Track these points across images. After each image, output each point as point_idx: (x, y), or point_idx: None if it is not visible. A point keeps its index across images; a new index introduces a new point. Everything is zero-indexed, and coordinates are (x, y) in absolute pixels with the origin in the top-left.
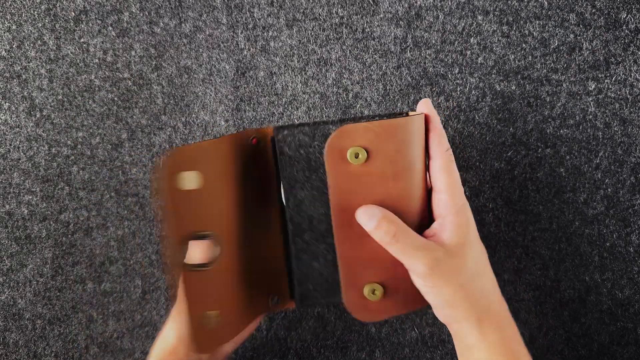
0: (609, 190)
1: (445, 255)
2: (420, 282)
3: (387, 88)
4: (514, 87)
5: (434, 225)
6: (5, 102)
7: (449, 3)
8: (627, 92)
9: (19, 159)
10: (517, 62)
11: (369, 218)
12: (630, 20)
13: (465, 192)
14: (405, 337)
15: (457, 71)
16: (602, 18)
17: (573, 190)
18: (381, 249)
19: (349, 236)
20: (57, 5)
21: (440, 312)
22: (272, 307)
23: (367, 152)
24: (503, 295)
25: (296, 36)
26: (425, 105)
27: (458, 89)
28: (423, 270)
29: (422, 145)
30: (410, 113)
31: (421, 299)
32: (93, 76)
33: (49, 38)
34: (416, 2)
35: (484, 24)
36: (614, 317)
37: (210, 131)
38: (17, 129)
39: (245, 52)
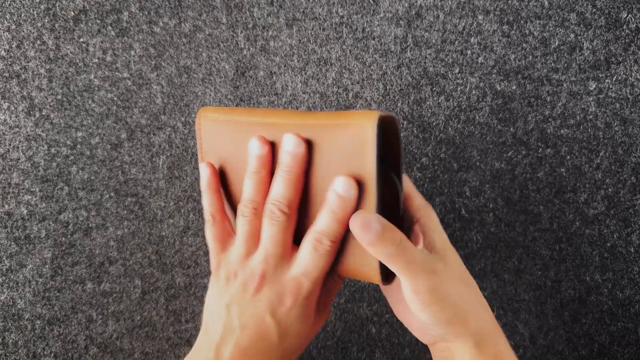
0: (610, 190)
1: (445, 268)
2: (416, 298)
3: (387, 88)
4: (514, 87)
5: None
6: (4, 102)
7: (449, 2)
8: (628, 92)
9: (18, 159)
10: (517, 61)
11: (367, 229)
12: (631, 20)
13: (465, 192)
14: (405, 337)
15: (457, 71)
16: (602, 18)
17: (574, 190)
18: None
19: None
20: (57, 4)
21: (431, 331)
22: None
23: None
24: (503, 297)
25: (296, 36)
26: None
27: (458, 88)
28: (427, 289)
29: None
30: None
31: None
32: (92, 76)
33: (49, 38)
34: (416, 2)
35: (484, 24)
36: (614, 317)
37: None
38: (17, 129)
39: (245, 52)
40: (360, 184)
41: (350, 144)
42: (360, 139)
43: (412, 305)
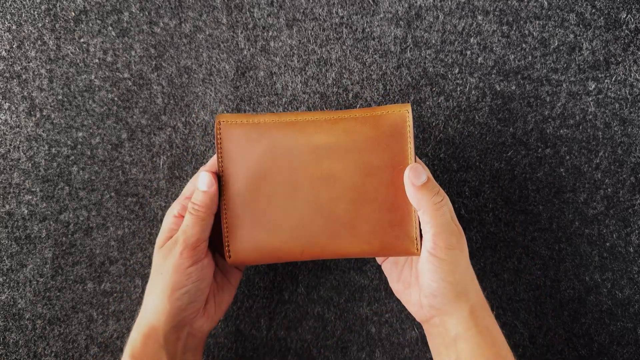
0: (609, 190)
1: (462, 239)
2: (434, 254)
3: (387, 88)
4: (514, 87)
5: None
6: (5, 102)
7: (449, 3)
8: (627, 92)
9: (19, 159)
10: (517, 62)
11: (419, 174)
12: (630, 20)
13: (465, 192)
14: (405, 337)
15: (457, 71)
16: (602, 18)
17: (573, 190)
18: None
19: None
20: (57, 5)
21: (431, 301)
22: None
23: None
24: (502, 296)
25: (296, 36)
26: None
27: (458, 89)
28: (446, 246)
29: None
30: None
31: None
32: (93, 76)
33: (49, 38)
34: (416, 2)
35: (484, 24)
36: (614, 317)
37: (210, 131)
38: (17, 129)
39: (245, 52)
40: (402, 157)
41: (390, 127)
42: (399, 122)
43: (427, 265)
